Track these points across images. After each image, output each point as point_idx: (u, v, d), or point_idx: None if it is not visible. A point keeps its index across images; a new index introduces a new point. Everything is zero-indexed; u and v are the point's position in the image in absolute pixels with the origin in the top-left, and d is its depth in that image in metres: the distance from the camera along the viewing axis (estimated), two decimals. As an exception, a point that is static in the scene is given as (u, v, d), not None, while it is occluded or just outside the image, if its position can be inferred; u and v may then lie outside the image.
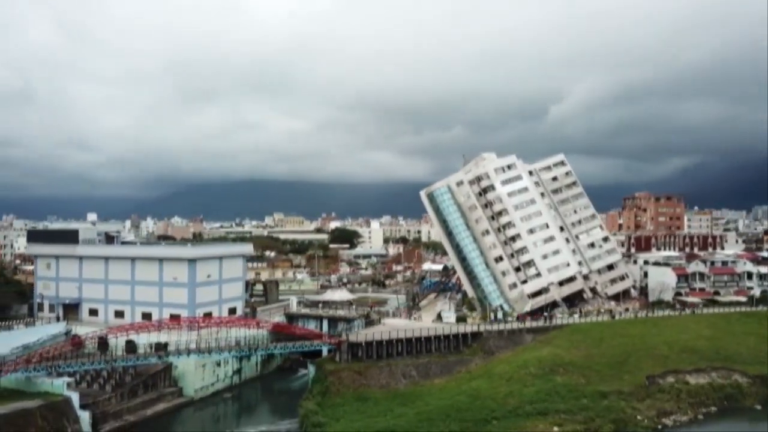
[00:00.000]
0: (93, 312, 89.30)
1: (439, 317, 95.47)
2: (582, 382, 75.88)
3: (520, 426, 65.73)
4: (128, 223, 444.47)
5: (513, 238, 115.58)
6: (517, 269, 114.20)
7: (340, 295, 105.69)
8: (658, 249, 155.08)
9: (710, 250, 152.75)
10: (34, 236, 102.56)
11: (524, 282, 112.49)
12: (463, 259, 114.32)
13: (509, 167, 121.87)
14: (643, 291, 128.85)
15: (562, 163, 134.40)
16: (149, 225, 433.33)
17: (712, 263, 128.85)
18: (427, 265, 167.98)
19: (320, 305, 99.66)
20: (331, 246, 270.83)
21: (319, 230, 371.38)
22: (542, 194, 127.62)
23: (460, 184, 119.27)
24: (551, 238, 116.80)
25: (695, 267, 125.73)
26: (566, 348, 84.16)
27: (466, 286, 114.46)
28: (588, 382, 76.01)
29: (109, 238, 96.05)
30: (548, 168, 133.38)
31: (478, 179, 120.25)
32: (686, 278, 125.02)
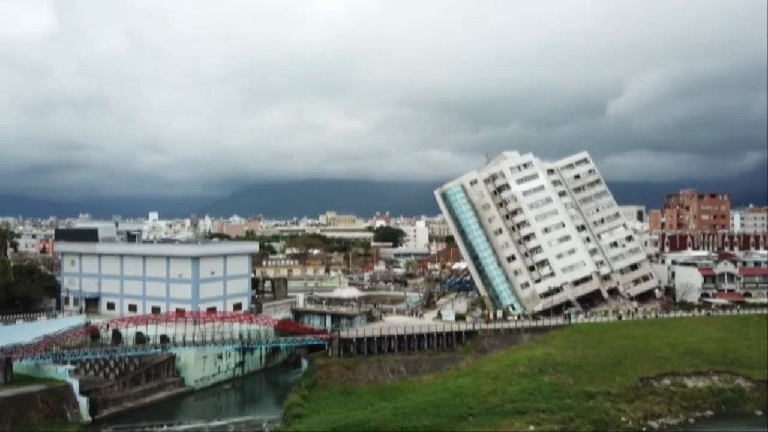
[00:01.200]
0: (110, 306, 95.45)
1: (439, 316, 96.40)
2: (570, 382, 75.49)
3: (495, 424, 66.36)
4: (188, 222, 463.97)
5: (527, 237, 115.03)
6: (531, 268, 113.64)
7: (348, 292, 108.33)
8: (695, 248, 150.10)
9: (752, 249, 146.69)
10: (60, 235, 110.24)
11: (538, 281, 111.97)
12: (475, 258, 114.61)
13: (525, 166, 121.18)
14: (670, 292, 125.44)
15: (585, 161, 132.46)
16: (207, 224, 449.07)
17: (744, 264, 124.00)
18: (457, 264, 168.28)
19: (324, 302, 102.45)
20: (373, 244, 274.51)
21: (369, 229, 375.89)
22: (563, 193, 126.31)
23: (473, 183, 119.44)
24: (567, 237, 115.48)
25: (723, 267, 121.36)
26: (561, 348, 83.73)
27: (478, 284, 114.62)
28: (576, 382, 75.54)
29: (131, 237, 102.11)
30: (570, 166, 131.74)
31: (493, 178, 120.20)
32: (713, 279, 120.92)
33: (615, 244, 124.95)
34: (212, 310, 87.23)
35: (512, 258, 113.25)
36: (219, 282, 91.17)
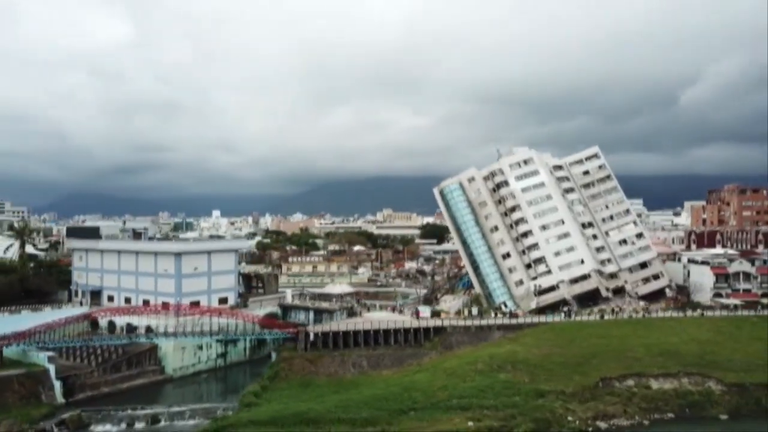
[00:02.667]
0: (110, 298, 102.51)
1: (417, 312, 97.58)
2: (525, 380, 75.11)
3: (435, 419, 67.21)
4: (250, 219, 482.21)
5: (525, 235, 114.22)
6: (528, 266, 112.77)
7: (340, 288, 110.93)
8: (724, 245, 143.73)
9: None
10: (70, 232, 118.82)
11: (535, 279, 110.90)
12: (470, 255, 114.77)
13: (525, 162, 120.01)
14: (685, 291, 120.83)
15: (595, 156, 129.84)
16: (267, 221, 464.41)
17: (765, 262, 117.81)
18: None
19: (308, 297, 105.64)
20: (417, 241, 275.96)
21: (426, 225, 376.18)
22: (570, 189, 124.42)
23: (471, 180, 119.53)
24: (566, 235, 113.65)
25: (738, 266, 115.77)
26: (529, 346, 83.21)
27: (474, 282, 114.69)
28: (532, 380, 75.09)
29: (136, 235, 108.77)
30: (580, 162, 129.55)
31: (492, 175, 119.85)
32: (726, 278, 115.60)
33: (624, 241, 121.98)
34: (196, 303, 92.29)
35: (507, 255, 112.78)
36: (203, 277, 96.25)
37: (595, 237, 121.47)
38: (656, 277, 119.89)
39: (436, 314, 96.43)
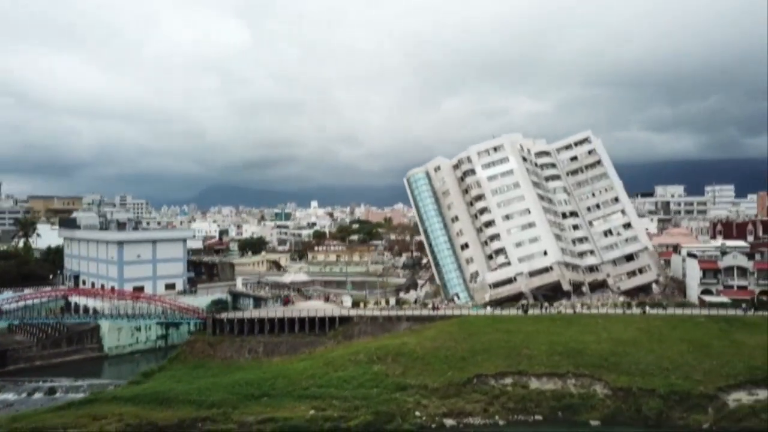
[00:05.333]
0: (84, 282, 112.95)
1: (341, 301, 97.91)
2: (396, 373, 73.88)
3: (282, 405, 68.73)
4: (348, 209, 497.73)
5: (488, 224, 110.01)
6: (490, 257, 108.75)
7: (294, 277, 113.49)
8: (757, 237, 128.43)
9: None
10: (63, 223, 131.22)
11: (494, 271, 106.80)
12: (431, 245, 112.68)
13: (495, 149, 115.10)
14: (683, 287, 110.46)
15: (586, 140, 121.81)
16: (362, 209, 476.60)
17: (763, 255, 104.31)
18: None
19: (249, 286, 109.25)
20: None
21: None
22: (552, 177, 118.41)
23: (437, 169, 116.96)
24: (530, 225, 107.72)
25: (732, 260, 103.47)
26: (426, 339, 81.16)
27: (434, 272, 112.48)
28: (403, 373, 73.71)
29: (121, 225, 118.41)
30: (568, 147, 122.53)
31: (460, 163, 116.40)
32: (715, 273, 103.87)
33: (609, 232, 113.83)
34: (140, 289, 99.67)
35: (465, 246, 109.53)
36: (147, 264, 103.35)
37: (576, 227, 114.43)
38: (642, 270, 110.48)
39: (357, 304, 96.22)
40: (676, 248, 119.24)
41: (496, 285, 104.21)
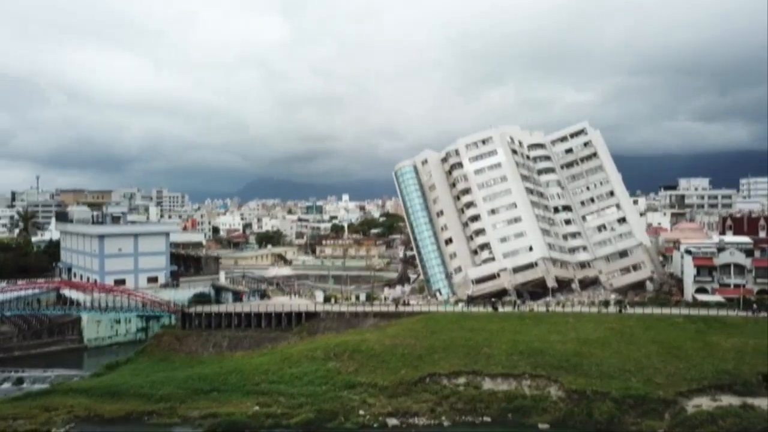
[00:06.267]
0: (74, 275, 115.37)
1: (313, 296, 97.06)
2: (350, 370, 72.89)
3: (231, 401, 68.63)
4: (380, 202, 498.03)
5: (474, 219, 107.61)
6: (475, 252, 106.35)
7: (277, 271, 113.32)
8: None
9: None
10: (59, 217, 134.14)
11: (479, 266, 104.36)
12: (416, 240, 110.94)
13: (484, 142, 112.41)
14: (681, 284, 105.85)
15: (582, 132, 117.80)
16: (392, 203, 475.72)
17: (763, 252, 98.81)
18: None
19: (231, 280, 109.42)
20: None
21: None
22: (546, 170, 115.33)
23: (424, 162, 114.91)
24: (516, 219, 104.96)
25: (729, 257, 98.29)
26: (387, 336, 79.69)
27: (419, 267, 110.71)
28: (356, 371, 72.63)
29: (115, 219, 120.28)
30: (564, 139, 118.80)
31: (448, 156, 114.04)
32: (710, 271, 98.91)
33: (603, 227, 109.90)
34: (121, 281, 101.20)
35: (449, 241, 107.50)
36: (129, 258, 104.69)
37: (568, 222, 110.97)
38: (636, 267, 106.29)
39: (327, 300, 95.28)
40: (674, 243, 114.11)
41: (479, 281, 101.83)
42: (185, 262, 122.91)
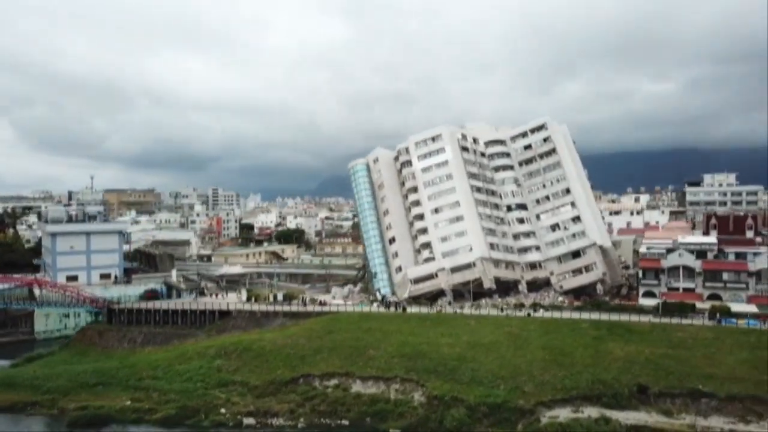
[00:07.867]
0: (46, 271, 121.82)
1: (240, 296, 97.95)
2: (231, 368, 73.63)
3: (110, 395, 70.96)
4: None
5: (419, 218, 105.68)
6: (418, 251, 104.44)
7: (227, 269, 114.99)
8: (758, 233, 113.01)
9: None
10: (40, 216, 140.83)
11: (418, 266, 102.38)
12: (363, 238, 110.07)
13: (433, 139, 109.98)
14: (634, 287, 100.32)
15: (542, 127, 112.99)
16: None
17: (720, 254, 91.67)
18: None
19: (179, 279, 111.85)
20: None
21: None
22: (503, 167, 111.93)
23: (376, 161, 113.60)
24: (458, 219, 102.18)
25: (677, 259, 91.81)
26: (286, 335, 79.89)
27: (367, 266, 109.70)
28: (236, 369, 73.35)
29: (90, 218, 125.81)
30: (524, 135, 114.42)
31: (399, 154, 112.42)
32: (656, 273, 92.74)
33: (556, 226, 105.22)
34: (73, 278, 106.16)
35: (393, 240, 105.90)
36: (81, 255, 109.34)
37: (521, 221, 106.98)
38: (588, 268, 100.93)
39: (250, 298, 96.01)
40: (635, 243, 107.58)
41: (417, 281, 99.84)
42: (148, 260, 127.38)
